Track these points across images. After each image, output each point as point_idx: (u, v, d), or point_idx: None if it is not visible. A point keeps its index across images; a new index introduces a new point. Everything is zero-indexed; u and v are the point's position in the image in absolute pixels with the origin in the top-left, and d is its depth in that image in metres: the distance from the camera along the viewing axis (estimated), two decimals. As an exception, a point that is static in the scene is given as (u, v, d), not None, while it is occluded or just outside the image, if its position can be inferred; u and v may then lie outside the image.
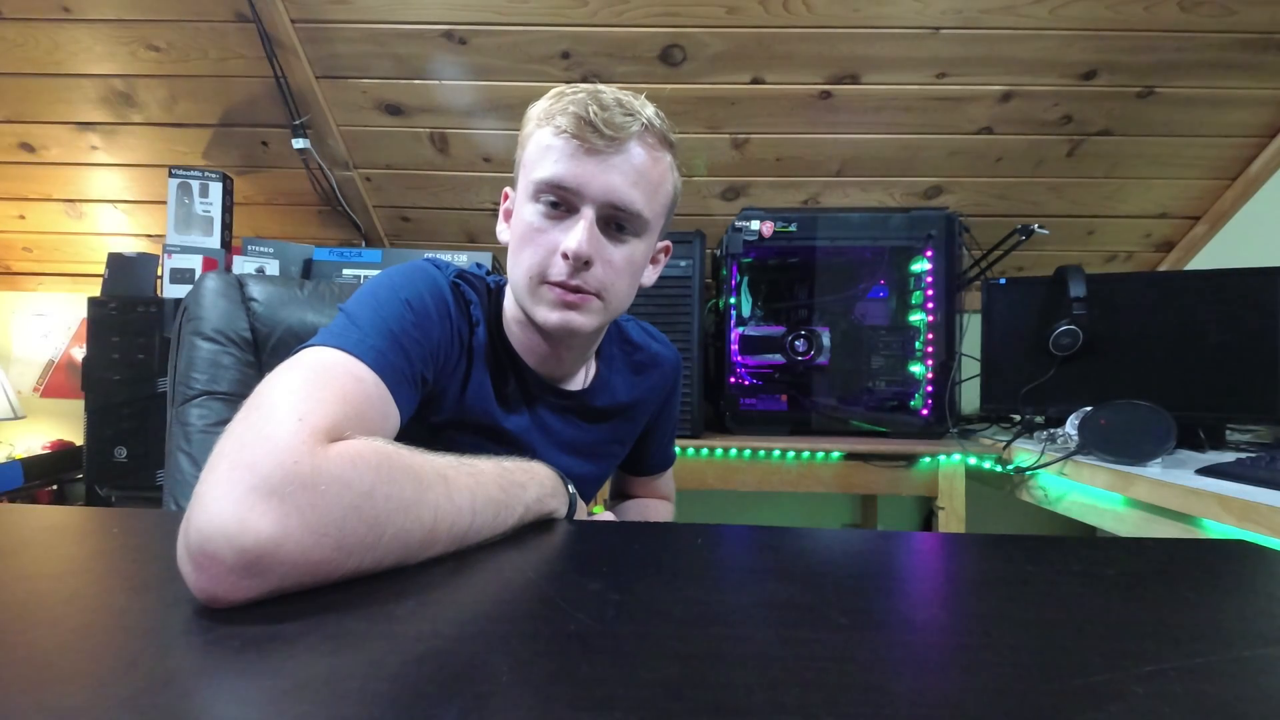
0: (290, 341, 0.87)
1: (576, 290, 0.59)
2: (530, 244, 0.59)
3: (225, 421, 0.78)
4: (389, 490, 0.39)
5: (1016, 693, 0.27)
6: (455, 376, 0.63)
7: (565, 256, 0.58)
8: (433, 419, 0.62)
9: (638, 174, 0.59)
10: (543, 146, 0.59)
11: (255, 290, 0.86)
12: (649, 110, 0.61)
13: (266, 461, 0.36)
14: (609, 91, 0.60)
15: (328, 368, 0.47)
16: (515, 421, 0.67)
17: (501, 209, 0.67)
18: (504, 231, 0.66)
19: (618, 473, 0.93)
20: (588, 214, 0.58)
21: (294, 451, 0.37)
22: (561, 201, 0.59)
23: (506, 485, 0.49)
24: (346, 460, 0.38)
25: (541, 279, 0.59)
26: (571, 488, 0.58)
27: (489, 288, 0.68)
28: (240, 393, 0.83)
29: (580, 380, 0.73)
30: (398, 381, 0.51)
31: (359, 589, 0.36)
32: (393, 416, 0.51)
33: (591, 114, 0.56)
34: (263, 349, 0.85)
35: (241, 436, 0.38)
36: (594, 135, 0.57)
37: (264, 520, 0.34)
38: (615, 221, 0.60)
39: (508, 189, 0.67)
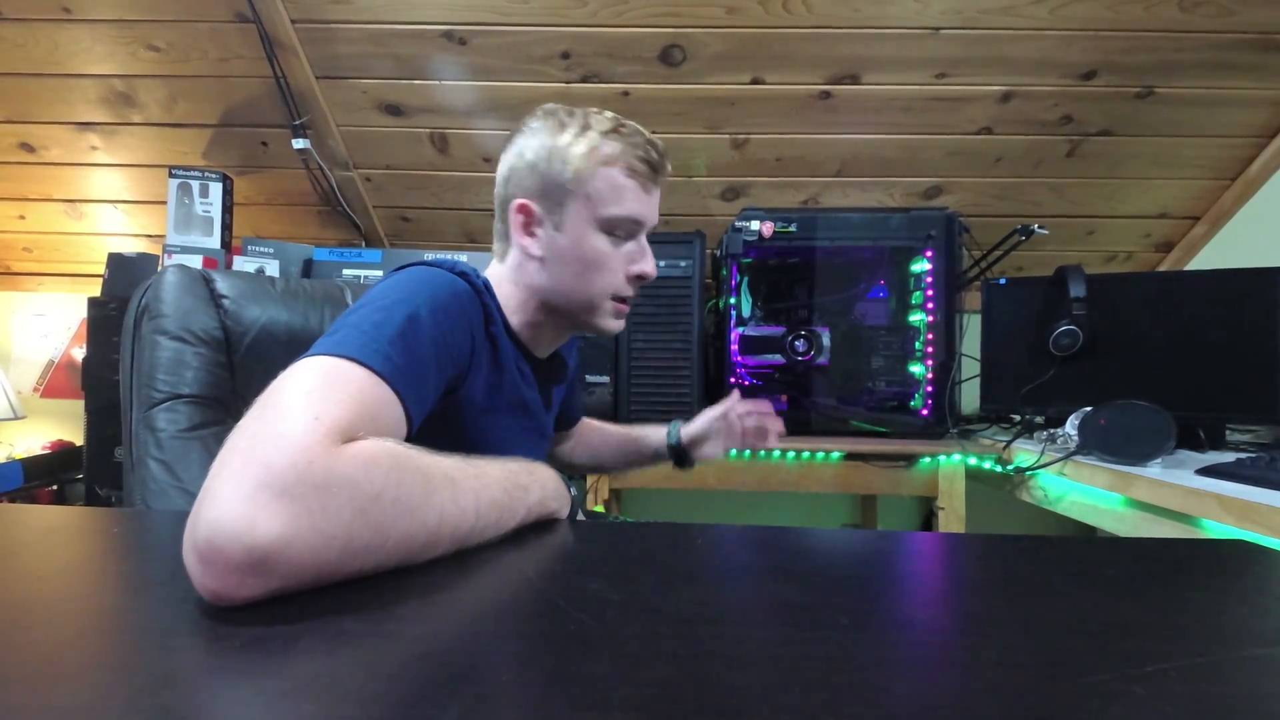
0: (266, 341, 0.84)
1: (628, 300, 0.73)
2: (601, 269, 0.69)
3: (198, 426, 0.79)
4: (397, 494, 0.39)
5: (1016, 693, 0.27)
6: (482, 368, 0.65)
7: (641, 278, 0.71)
8: (475, 406, 0.64)
9: None
10: (615, 185, 0.67)
11: (224, 287, 0.82)
12: None
13: (280, 460, 0.36)
14: (643, 130, 0.70)
15: (345, 371, 0.47)
16: (532, 396, 0.74)
17: (520, 221, 0.69)
18: (534, 246, 0.70)
19: (557, 437, 1.01)
20: (644, 241, 0.72)
21: (308, 451, 0.37)
22: (627, 233, 0.70)
23: (510, 488, 0.49)
24: (359, 462, 0.38)
25: (612, 297, 0.71)
26: (574, 490, 0.59)
27: (490, 291, 0.70)
28: (209, 395, 0.80)
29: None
30: (411, 392, 0.50)
31: (359, 589, 0.36)
32: (403, 422, 0.50)
33: (654, 159, 0.68)
34: (236, 349, 0.82)
35: (256, 434, 0.38)
36: (659, 176, 0.70)
37: (274, 520, 0.34)
38: None
39: (528, 202, 0.69)
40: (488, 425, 0.65)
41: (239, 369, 0.83)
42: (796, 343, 1.51)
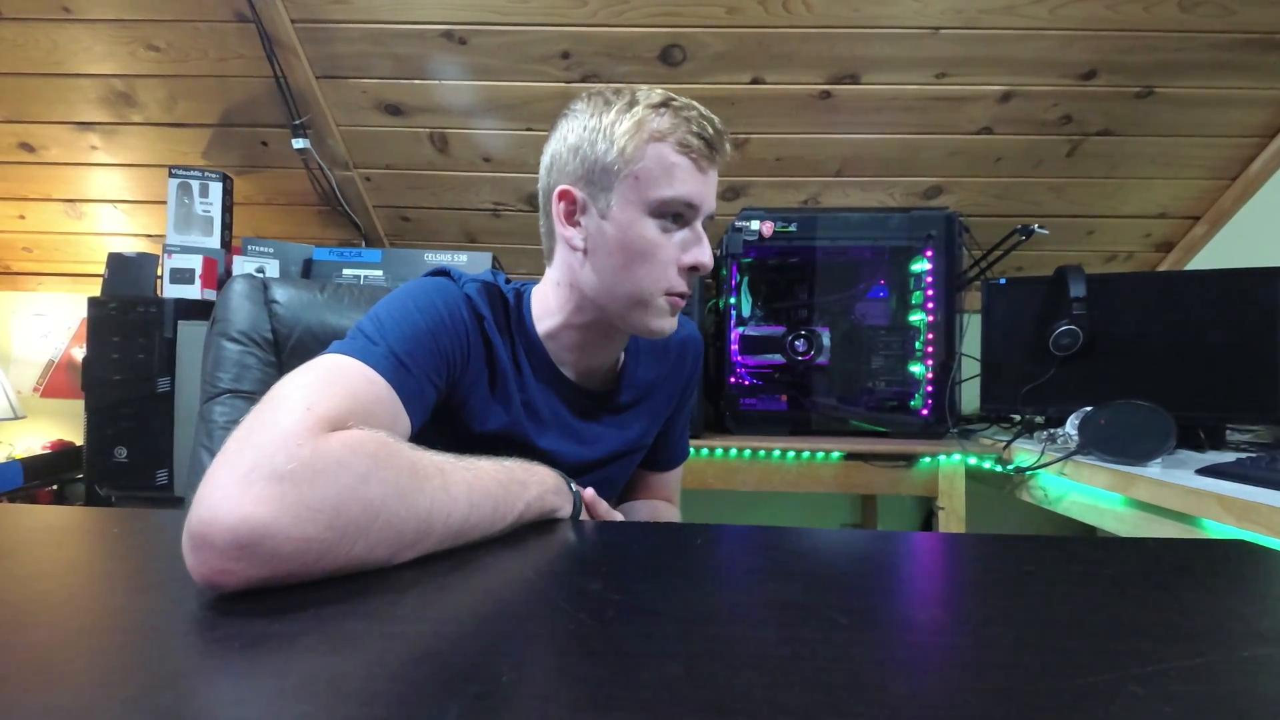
0: (308, 341, 0.89)
1: (684, 296, 0.64)
2: (651, 259, 0.61)
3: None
4: (384, 475, 0.40)
5: (1016, 693, 0.27)
6: (477, 390, 0.63)
7: (695, 270, 0.62)
8: (475, 430, 0.62)
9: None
10: (666, 163, 0.59)
11: (278, 293, 0.89)
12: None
13: (270, 445, 0.38)
14: (699, 105, 0.62)
15: (341, 369, 0.50)
16: (549, 439, 0.67)
17: (562, 210, 0.63)
18: (577, 236, 0.62)
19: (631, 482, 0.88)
20: (699, 228, 0.62)
21: (297, 436, 0.39)
22: (679, 216, 0.61)
23: (506, 482, 0.49)
24: (345, 446, 0.40)
25: (664, 292, 0.62)
26: (575, 487, 0.58)
27: (505, 300, 0.67)
28: (258, 391, 0.85)
29: (607, 379, 0.72)
30: (406, 389, 0.53)
31: (359, 589, 0.36)
32: (403, 419, 0.52)
33: (709, 134, 0.60)
34: (283, 349, 0.88)
35: (252, 424, 0.40)
36: (715, 155, 0.61)
37: (259, 501, 0.35)
38: None
39: (570, 188, 0.62)
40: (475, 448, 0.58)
41: (286, 368, 0.89)
42: (796, 342, 1.51)
